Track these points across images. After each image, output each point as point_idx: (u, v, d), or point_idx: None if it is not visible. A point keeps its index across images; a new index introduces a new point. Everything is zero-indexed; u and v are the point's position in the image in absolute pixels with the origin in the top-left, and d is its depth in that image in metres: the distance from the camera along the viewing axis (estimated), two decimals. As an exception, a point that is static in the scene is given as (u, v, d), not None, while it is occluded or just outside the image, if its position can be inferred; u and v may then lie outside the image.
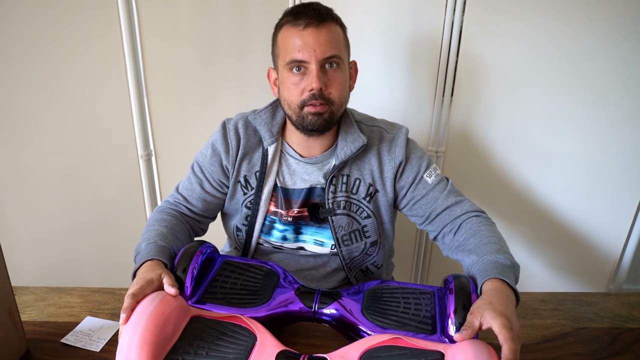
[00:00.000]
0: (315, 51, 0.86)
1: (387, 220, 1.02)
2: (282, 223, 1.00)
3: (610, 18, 1.20)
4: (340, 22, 0.92)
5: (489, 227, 0.92)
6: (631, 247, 1.43)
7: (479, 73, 1.31)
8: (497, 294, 0.73)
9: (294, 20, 0.87)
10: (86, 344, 0.81)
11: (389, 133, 0.99)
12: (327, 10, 0.90)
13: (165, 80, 1.38)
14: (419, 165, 0.97)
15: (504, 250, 0.85)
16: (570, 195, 1.39)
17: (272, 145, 0.97)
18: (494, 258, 0.81)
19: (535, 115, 1.32)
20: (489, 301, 0.71)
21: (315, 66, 0.86)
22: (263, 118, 0.98)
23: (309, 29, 0.86)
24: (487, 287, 0.75)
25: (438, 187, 0.97)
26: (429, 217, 0.98)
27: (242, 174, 0.99)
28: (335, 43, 0.88)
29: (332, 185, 0.97)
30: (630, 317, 0.92)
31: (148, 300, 0.71)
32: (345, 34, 0.94)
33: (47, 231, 1.44)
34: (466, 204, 0.96)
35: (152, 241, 0.86)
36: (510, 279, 0.76)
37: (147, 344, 0.65)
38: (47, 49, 1.26)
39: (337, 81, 0.89)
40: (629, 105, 1.27)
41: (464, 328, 0.69)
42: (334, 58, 0.88)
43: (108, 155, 1.41)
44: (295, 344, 0.81)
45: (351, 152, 0.95)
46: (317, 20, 0.86)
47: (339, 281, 1.07)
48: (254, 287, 0.83)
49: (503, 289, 0.74)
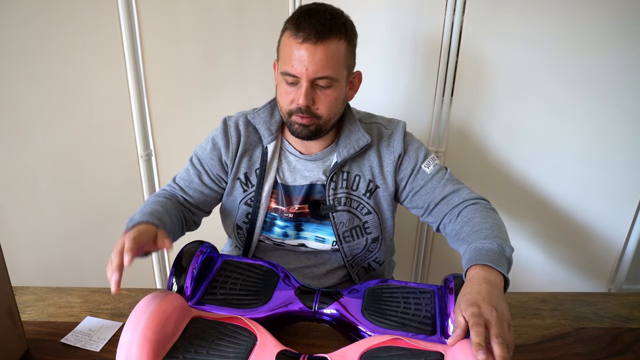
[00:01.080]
0: (308, 69, 0.84)
1: (388, 215, 1.02)
2: (283, 220, 1.01)
3: (610, 18, 1.20)
4: (347, 32, 0.88)
5: (484, 214, 0.89)
6: (631, 247, 1.43)
7: (479, 72, 1.31)
8: (473, 282, 0.72)
9: (295, 30, 0.84)
10: (86, 344, 0.81)
11: (388, 129, 0.99)
12: (333, 21, 0.85)
13: (165, 80, 1.38)
14: (416, 156, 0.98)
15: (495, 234, 0.83)
16: (570, 195, 1.39)
17: (271, 143, 0.98)
18: (480, 245, 0.80)
19: (535, 115, 1.32)
20: (463, 292, 0.71)
21: (306, 83, 0.86)
22: (262, 117, 0.99)
23: (306, 44, 0.84)
24: (468, 276, 0.75)
25: (436, 176, 0.97)
26: (428, 207, 0.97)
27: (242, 171, 0.99)
28: (331, 63, 0.85)
29: (332, 182, 0.97)
30: (630, 317, 0.92)
31: (149, 298, 0.71)
32: (351, 45, 0.90)
33: (47, 231, 1.44)
34: (464, 192, 0.95)
35: (148, 211, 0.87)
36: (494, 262, 0.75)
37: (148, 342, 0.65)
38: (47, 49, 1.26)
39: (327, 99, 0.88)
40: (629, 104, 1.27)
41: (454, 330, 0.69)
42: (326, 79, 0.86)
43: (108, 155, 1.41)
44: (295, 344, 0.81)
45: (354, 151, 0.95)
46: (316, 36, 0.83)
47: (339, 279, 1.07)
48: (254, 288, 0.83)
49: (482, 274, 0.73)
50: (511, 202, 1.42)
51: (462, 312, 0.67)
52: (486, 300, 0.67)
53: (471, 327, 0.64)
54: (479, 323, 0.63)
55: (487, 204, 0.94)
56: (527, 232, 1.45)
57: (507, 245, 0.81)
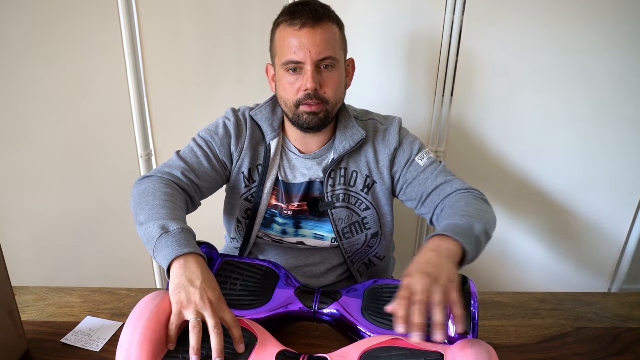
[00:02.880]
0: (311, 52, 0.87)
1: (387, 211, 1.02)
2: (283, 217, 1.02)
3: (610, 17, 1.20)
4: (338, 20, 0.93)
5: (471, 200, 0.88)
6: (631, 247, 1.43)
7: (479, 72, 1.31)
8: (421, 252, 0.71)
9: (291, 19, 0.88)
10: (86, 344, 0.81)
11: (383, 125, 1.00)
12: (324, 9, 0.89)
13: (166, 79, 1.38)
14: (411, 148, 0.98)
15: (471, 215, 0.80)
16: (570, 194, 1.39)
17: (274, 140, 0.99)
18: (451, 221, 0.79)
19: (536, 114, 1.32)
20: (410, 265, 0.69)
21: (311, 67, 0.87)
22: (264, 113, 0.99)
23: (305, 29, 0.87)
24: (423, 247, 0.73)
25: (429, 168, 0.97)
26: (421, 198, 0.97)
27: (246, 166, 0.99)
28: (331, 43, 0.89)
29: (330, 179, 0.98)
30: (630, 317, 0.92)
31: (149, 298, 0.71)
32: (342, 32, 0.94)
33: (47, 231, 1.44)
34: (456, 183, 0.94)
35: (178, 223, 0.76)
36: (454, 233, 0.73)
37: (148, 341, 0.65)
38: (46, 48, 1.26)
39: (332, 81, 0.90)
40: (629, 103, 1.27)
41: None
42: (329, 59, 0.89)
43: (108, 155, 1.41)
44: (295, 344, 0.81)
45: (350, 147, 0.96)
46: (313, 20, 0.87)
47: (339, 276, 1.07)
48: (254, 288, 0.83)
49: (435, 243, 0.72)
50: (511, 201, 1.42)
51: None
52: (422, 269, 0.66)
53: (397, 299, 0.64)
54: (404, 295, 0.63)
55: (478, 193, 0.92)
56: (527, 232, 1.45)
57: (480, 224, 0.78)
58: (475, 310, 0.72)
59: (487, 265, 1.50)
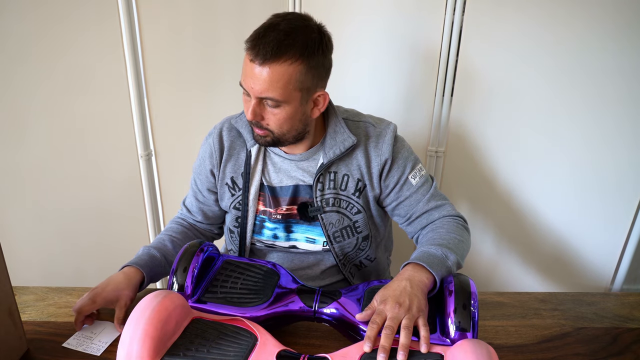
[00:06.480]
0: (253, 88, 0.85)
1: (375, 214, 1.02)
2: (272, 221, 1.01)
3: (611, 19, 1.20)
4: (307, 52, 0.83)
5: (452, 228, 0.93)
6: (631, 248, 1.43)
7: (478, 73, 1.31)
8: (396, 278, 0.79)
9: (251, 47, 0.83)
10: (87, 347, 0.81)
11: (376, 127, 0.98)
12: (286, 42, 0.81)
13: (166, 80, 1.38)
14: (404, 165, 0.98)
15: (447, 244, 0.87)
16: (570, 194, 1.39)
17: (254, 146, 0.99)
18: (427, 248, 0.86)
19: (535, 116, 1.32)
20: (385, 287, 0.78)
21: (254, 100, 0.86)
22: (243, 120, 0.99)
23: (254, 63, 0.83)
24: (398, 273, 0.81)
25: (422, 189, 0.98)
26: (410, 218, 1.00)
27: (229, 176, 1.01)
28: (276, 86, 0.83)
29: (319, 184, 0.97)
30: (630, 317, 0.92)
31: (151, 296, 0.71)
32: (309, 66, 0.84)
33: (47, 231, 1.44)
34: (445, 209, 0.98)
35: (146, 252, 0.95)
36: (428, 263, 0.80)
37: (150, 338, 0.65)
38: (46, 48, 1.26)
39: (275, 117, 0.87)
40: (629, 105, 1.27)
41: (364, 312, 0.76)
42: (271, 100, 0.85)
43: (108, 155, 1.41)
44: (295, 344, 0.81)
45: (340, 152, 0.95)
46: (265, 57, 0.81)
47: (333, 278, 1.07)
48: (254, 287, 0.83)
49: (409, 272, 0.80)
50: (511, 201, 1.42)
51: (375, 303, 0.76)
52: (396, 297, 0.74)
53: (370, 322, 0.72)
54: (376, 321, 0.72)
55: (461, 221, 0.97)
56: (527, 232, 1.45)
57: (454, 256, 0.85)
58: (475, 310, 0.73)
59: (487, 265, 1.50)
